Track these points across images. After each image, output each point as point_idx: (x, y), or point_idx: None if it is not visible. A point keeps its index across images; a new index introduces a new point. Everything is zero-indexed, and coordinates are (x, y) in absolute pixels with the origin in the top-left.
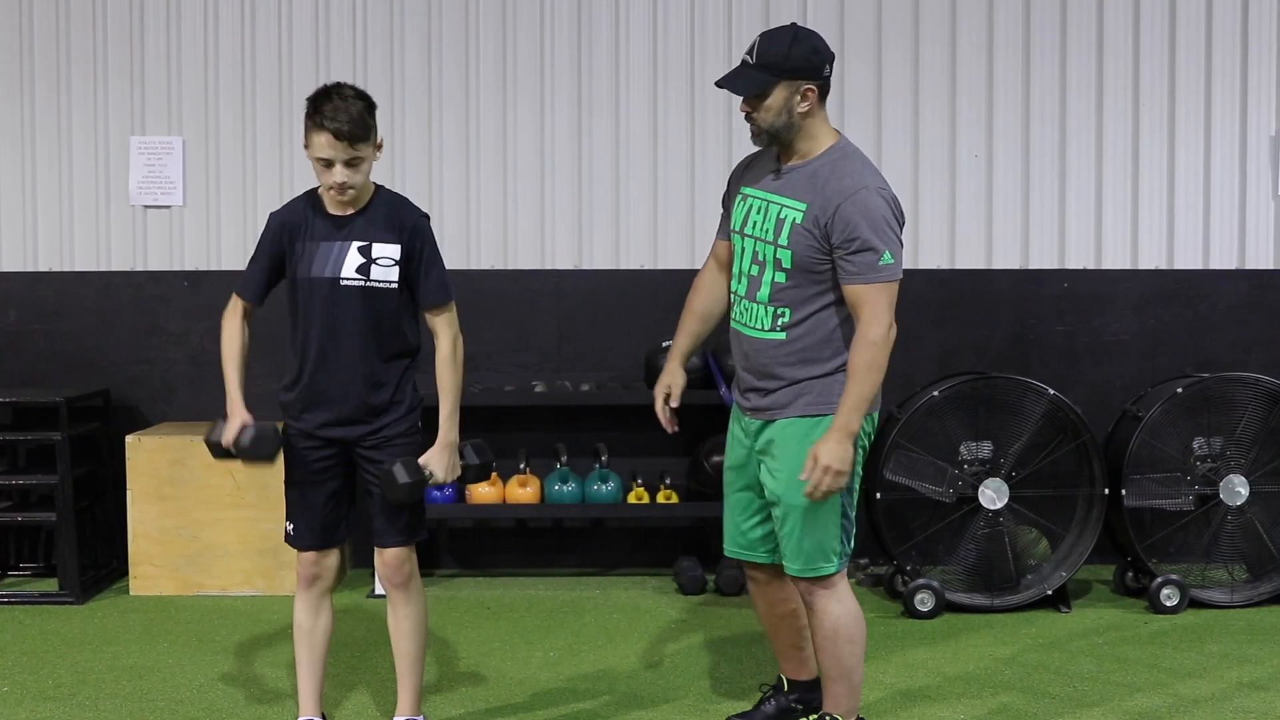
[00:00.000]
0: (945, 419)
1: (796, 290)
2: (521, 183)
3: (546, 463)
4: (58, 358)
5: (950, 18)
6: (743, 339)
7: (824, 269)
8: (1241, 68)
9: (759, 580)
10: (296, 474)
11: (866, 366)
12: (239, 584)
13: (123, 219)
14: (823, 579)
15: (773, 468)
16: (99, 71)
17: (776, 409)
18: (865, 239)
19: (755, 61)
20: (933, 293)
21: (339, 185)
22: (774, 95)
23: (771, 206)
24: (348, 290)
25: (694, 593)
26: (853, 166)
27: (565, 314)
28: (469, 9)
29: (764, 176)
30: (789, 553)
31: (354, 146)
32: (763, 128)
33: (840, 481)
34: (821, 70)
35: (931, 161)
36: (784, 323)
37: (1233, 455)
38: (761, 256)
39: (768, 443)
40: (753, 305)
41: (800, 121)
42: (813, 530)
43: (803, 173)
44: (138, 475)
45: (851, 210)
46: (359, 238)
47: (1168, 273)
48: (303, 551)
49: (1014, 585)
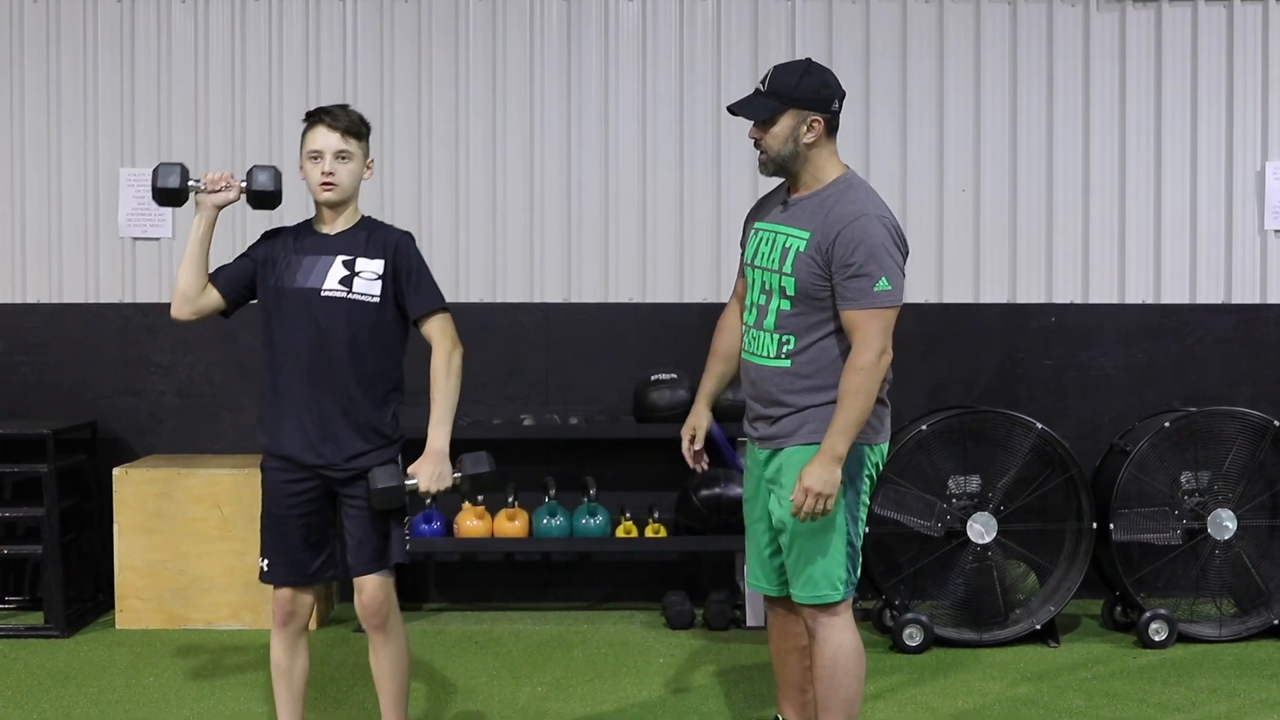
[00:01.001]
0: (933, 453)
1: (801, 318)
2: (511, 216)
3: (535, 496)
4: (45, 389)
5: (938, 53)
6: (751, 368)
7: (826, 296)
8: (1227, 103)
9: (778, 611)
10: (271, 507)
11: (854, 391)
12: (226, 618)
13: (112, 251)
14: (828, 607)
15: (779, 495)
16: (89, 103)
17: (782, 437)
18: (861, 264)
19: (766, 89)
20: (921, 327)
21: (326, 173)
22: (781, 123)
23: (779, 237)
24: (329, 302)
25: (682, 627)
26: (857, 196)
27: (554, 347)
28: (458, 42)
29: (773, 209)
30: (795, 580)
31: (345, 140)
32: (769, 155)
33: (825, 505)
34: (829, 104)
35: (919, 195)
36: (789, 350)
37: (1220, 489)
38: (768, 286)
39: (775, 471)
40: (760, 334)
41: (805, 152)
42: (818, 557)
43: (809, 203)
44: (124, 508)
45: (850, 236)
46: (344, 253)
47: (1155, 307)
48: (277, 588)
49: (1002, 620)
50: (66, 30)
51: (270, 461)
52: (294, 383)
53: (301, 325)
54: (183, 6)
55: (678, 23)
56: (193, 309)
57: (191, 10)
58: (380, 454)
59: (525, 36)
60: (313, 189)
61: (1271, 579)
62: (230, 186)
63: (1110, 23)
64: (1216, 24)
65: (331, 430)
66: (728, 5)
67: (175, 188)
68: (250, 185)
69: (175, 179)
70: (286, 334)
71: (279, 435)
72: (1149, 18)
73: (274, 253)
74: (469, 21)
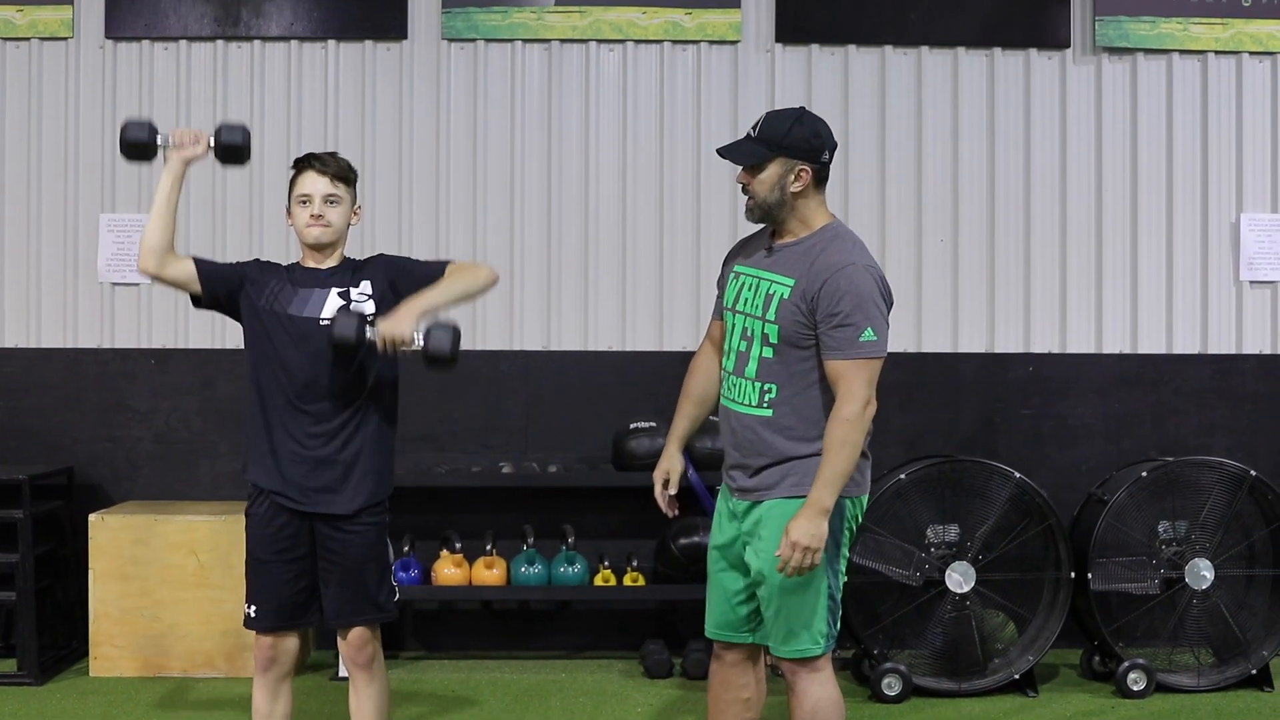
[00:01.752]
0: (912, 502)
1: (783, 366)
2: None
3: (513, 544)
4: (21, 434)
5: (916, 104)
6: (731, 415)
7: (810, 345)
8: (1202, 155)
9: (726, 661)
10: (257, 550)
11: (840, 442)
12: (201, 666)
13: (91, 296)
14: (809, 661)
15: (759, 549)
16: (70, 148)
17: (763, 489)
18: (847, 314)
19: (757, 135)
20: (899, 376)
21: (315, 215)
22: (769, 169)
23: (762, 283)
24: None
25: (661, 676)
26: (844, 245)
27: (533, 395)
28: (439, 89)
29: (756, 254)
30: (775, 635)
31: (334, 184)
32: (756, 200)
33: (812, 559)
34: (819, 154)
35: (898, 245)
36: (770, 399)
37: (1198, 539)
38: (750, 332)
39: (755, 523)
40: (741, 381)
41: (792, 200)
42: (799, 611)
43: (794, 251)
44: (100, 554)
45: (837, 285)
46: (338, 285)
47: (1132, 357)
48: (261, 633)
49: (981, 669)
50: (49, 74)
51: (255, 506)
52: (285, 414)
53: (298, 354)
54: (165, 52)
55: (658, 72)
56: (158, 265)
57: (174, 56)
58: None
59: (506, 84)
60: (300, 231)
61: (1249, 629)
62: (199, 142)
63: (1086, 75)
64: (1191, 77)
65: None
66: (707, 55)
67: (144, 141)
68: (219, 141)
69: (144, 133)
70: (280, 363)
71: (267, 468)
72: (1124, 70)
73: (265, 276)
74: (450, 69)
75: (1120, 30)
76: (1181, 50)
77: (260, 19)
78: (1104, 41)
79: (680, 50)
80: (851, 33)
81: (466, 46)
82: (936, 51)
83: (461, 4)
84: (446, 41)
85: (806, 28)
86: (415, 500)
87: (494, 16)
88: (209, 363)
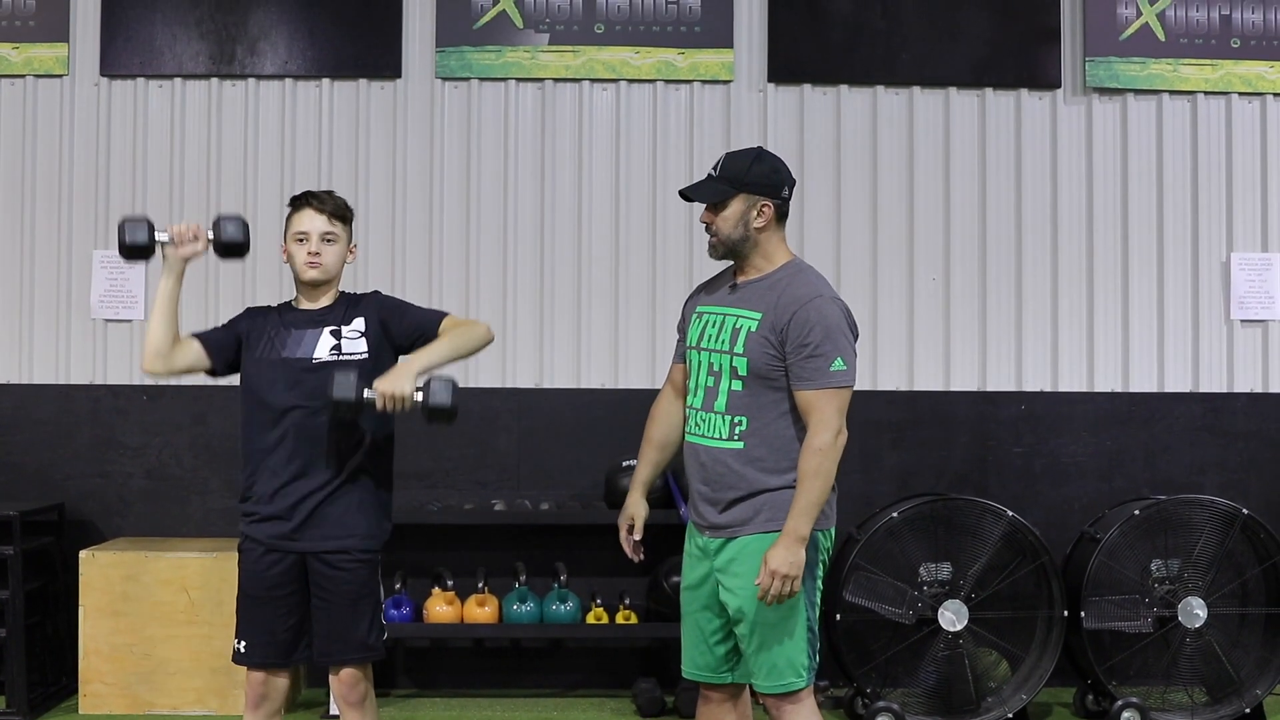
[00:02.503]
0: (904, 540)
1: (752, 399)
2: (484, 300)
3: (505, 582)
4: (12, 470)
5: (908, 143)
6: (700, 451)
7: (780, 377)
8: (1192, 194)
9: (712, 700)
10: (249, 588)
11: (814, 472)
12: (191, 703)
13: (83, 332)
14: (791, 694)
15: (734, 586)
16: (63, 184)
17: (736, 525)
18: (817, 344)
19: (718, 175)
20: (891, 414)
21: (312, 253)
22: (731, 207)
23: (728, 319)
24: (320, 368)
25: (652, 714)
26: (809, 279)
27: (526, 432)
28: (433, 128)
29: (718, 293)
30: (758, 670)
31: (331, 222)
32: (720, 238)
33: (791, 586)
34: (779, 190)
35: (890, 283)
36: (741, 431)
37: (1190, 577)
38: (717, 367)
39: (728, 561)
40: (710, 415)
41: (756, 236)
42: (780, 646)
43: (759, 286)
44: (90, 591)
45: (806, 316)
46: (329, 324)
47: (1123, 395)
48: (252, 670)
49: (974, 708)
50: (43, 111)
51: (248, 543)
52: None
53: (291, 395)
54: (159, 90)
55: (651, 111)
56: (166, 365)
57: (168, 94)
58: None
59: (500, 123)
60: (297, 269)
61: (1242, 667)
62: (198, 238)
63: (1077, 115)
64: (1181, 117)
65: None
66: (700, 94)
67: (143, 243)
68: (219, 237)
69: (143, 234)
70: (273, 404)
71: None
72: (1115, 110)
73: (258, 325)
74: (444, 108)
75: (1110, 71)
76: (1171, 91)
77: (255, 57)
78: (1094, 82)
79: (673, 90)
80: (843, 72)
81: (460, 85)
82: (928, 91)
83: (455, 43)
84: (440, 80)
85: (798, 68)
86: (407, 537)
87: (488, 56)
88: (201, 399)
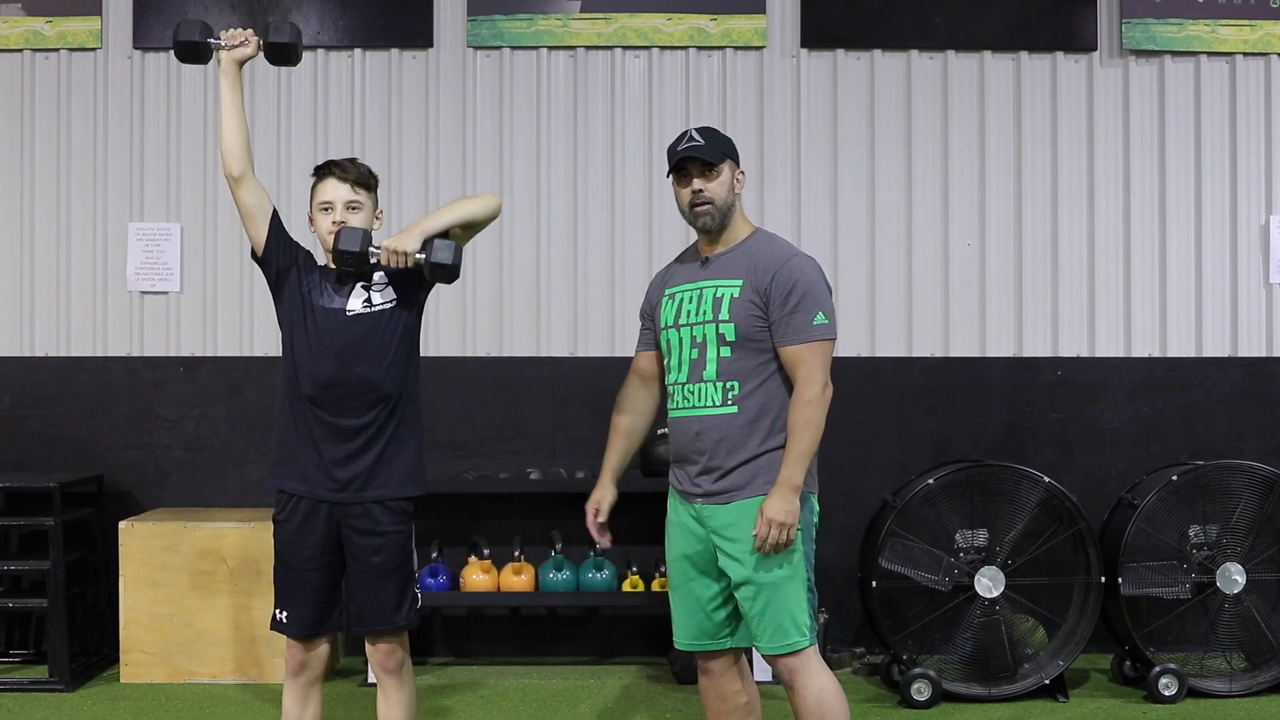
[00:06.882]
0: (940, 507)
1: (742, 363)
2: (518, 270)
3: (541, 550)
4: (52, 443)
5: (942, 108)
6: (691, 422)
7: (765, 338)
8: (1231, 157)
9: (713, 672)
10: (286, 558)
11: (804, 423)
12: (230, 672)
13: (120, 305)
14: (798, 653)
15: (734, 550)
16: (99, 158)
17: (734, 490)
18: (799, 301)
19: (704, 143)
20: (927, 380)
21: (337, 222)
22: (724, 173)
23: (705, 291)
24: (354, 320)
25: (690, 681)
26: (779, 243)
27: (560, 401)
28: (465, 97)
29: (687, 270)
30: (762, 632)
31: (355, 190)
32: (716, 204)
33: (788, 535)
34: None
35: (925, 249)
36: (734, 395)
37: (1229, 543)
38: (700, 338)
39: (726, 525)
40: (699, 386)
41: (736, 203)
42: (783, 606)
43: (731, 256)
44: (130, 561)
45: (788, 275)
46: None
47: (1161, 360)
48: (292, 639)
49: (1011, 674)
50: (77, 86)
51: (283, 513)
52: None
53: (324, 340)
54: None
55: (684, 78)
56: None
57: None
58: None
59: (532, 93)
60: (323, 238)
61: None
62: (248, 42)
63: (1113, 77)
64: (1219, 79)
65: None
66: (733, 60)
67: (195, 40)
68: (267, 38)
69: (196, 32)
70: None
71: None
72: (1152, 73)
73: (305, 261)
74: (476, 78)
75: (1147, 32)
76: (1209, 52)
77: None
78: (1131, 44)
79: (705, 56)
80: (877, 37)
81: (492, 54)
82: (962, 55)
83: (487, 11)
84: (472, 49)
85: (832, 33)
86: (443, 506)
87: (519, 24)
88: (237, 370)
